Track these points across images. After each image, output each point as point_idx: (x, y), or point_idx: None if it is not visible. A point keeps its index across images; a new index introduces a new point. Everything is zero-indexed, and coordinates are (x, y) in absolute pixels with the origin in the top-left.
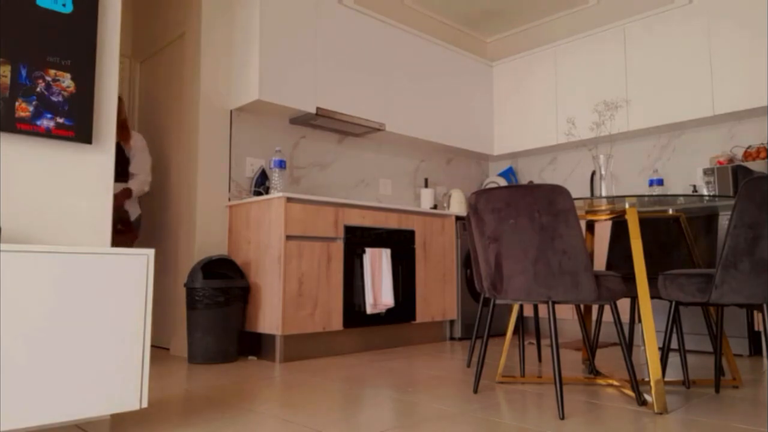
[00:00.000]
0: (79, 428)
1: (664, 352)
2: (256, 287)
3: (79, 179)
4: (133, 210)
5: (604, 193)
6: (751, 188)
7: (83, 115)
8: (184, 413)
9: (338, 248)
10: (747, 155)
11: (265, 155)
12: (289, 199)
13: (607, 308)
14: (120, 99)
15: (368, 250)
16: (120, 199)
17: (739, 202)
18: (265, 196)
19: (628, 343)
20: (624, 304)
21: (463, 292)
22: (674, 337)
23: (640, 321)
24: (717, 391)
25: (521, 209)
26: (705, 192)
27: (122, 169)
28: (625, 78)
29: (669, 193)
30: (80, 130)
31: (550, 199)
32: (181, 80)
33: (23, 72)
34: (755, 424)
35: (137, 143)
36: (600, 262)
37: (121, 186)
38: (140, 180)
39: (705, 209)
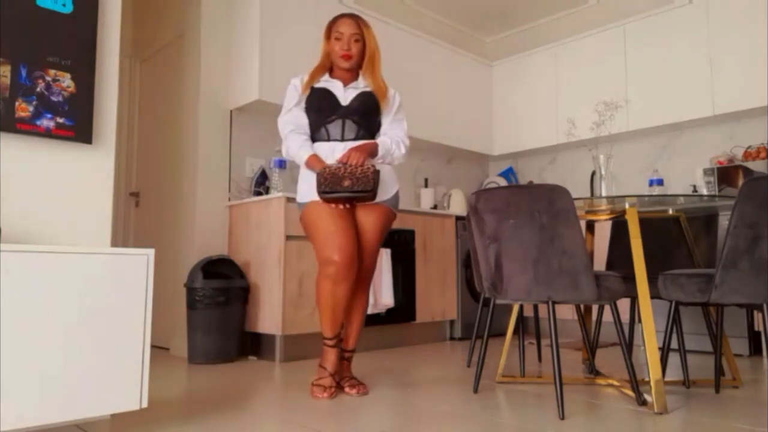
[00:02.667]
0: (79, 428)
1: (664, 352)
2: (256, 287)
3: (79, 179)
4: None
5: (604, 193)
6: (751, 188)
7: (83, 115)
8: (184, 413)
9: None
10: (747, 155)
11: (265, 155)
12: (289, 199)
13: (607, 308)
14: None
15: None
16: (357, 155)
17: (739, 202)
18: (265, 196)
19: (628, 343)
20: (624, 304)
21: (463, 292)
22: (674, 337)
23: (640, 321)
24: (717, 391)
25: (521, 209)
26: (705, 192)
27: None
28: (625, 78)
29: (669, 193)
30: (80, 130)
31: (550, 199)
32: (181, 80)
33: (23, 72)
34: (755, 424)
35: None
36: (600, 262)
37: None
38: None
39: (705, 209)
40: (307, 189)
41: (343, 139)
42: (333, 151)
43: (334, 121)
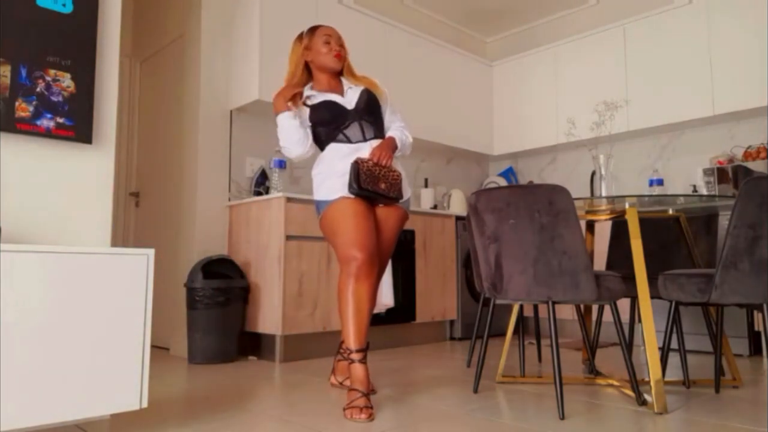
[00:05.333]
0: (79, 428)
1: (664, 352)
2: (256, 287)
3: (79, 179)
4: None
5: (604, 193)
6: (751, 188)
7: (83, 115)
8: (184, 413)
9: None
10: (747, 155)
11: (265, 155)
12: (289, 199)
13: (607, 308)
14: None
15: None
16: (385, 152)
17: (739, 202)
18: (265, 196)
19: (628, 343)
20: (624, 304)
21: (463, 292)
22: (674, 337)
23: (640, 321)
24: (717, 391)
25: (521, 209)
26: (705, 192)
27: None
28: (625, 78)
29: (669, 193)
30: (80, 130)
31: (550, 199)
32: (181, 80)
33: (23, 72)
34: (755, 424)
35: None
36: (600, 262)
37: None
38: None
39: (705, 209)
40: (330, 187)
41: (365, 139)
42: (358, 151)
43: (350, 126)
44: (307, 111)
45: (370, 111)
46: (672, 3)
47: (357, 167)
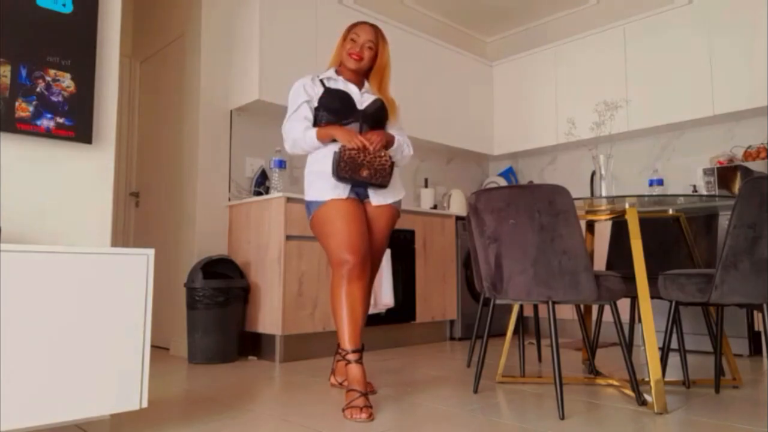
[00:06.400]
0: (79, 428)
1: (664, 352)
2: (256, 287)
3: (79, 179)
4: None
5: (604, 193)
6: (751, 188)
7: (83, 115)
8: (184, 413)
9: None
10: (747, 155)
11: (265, 155)
12: (289, 199)
13: (607, 308)
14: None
15: None
16: (377, 137)
17: (739, 202)
18: (265, 196)
19: (628, 343)
20: (624, 304)
21: (463, 292)
22: (674, 337)
23: (640, 321)
24: (717, 391)
25: (521, 209)
26: (705, 192)
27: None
28: (625, 78)
29: (669, 193)
30: (80, 130)
31: (550, 199)
32: (181, 80)
33: (23, 72)
34: (755, 424)
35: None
36: (600, 262)
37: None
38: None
39: (705, 209)
40: (321, 188)
41: None
42: None
43: (351, 124)
44: (320, 92)
45: (375, 118)
46: (672, 3)
47: (338, 155)
